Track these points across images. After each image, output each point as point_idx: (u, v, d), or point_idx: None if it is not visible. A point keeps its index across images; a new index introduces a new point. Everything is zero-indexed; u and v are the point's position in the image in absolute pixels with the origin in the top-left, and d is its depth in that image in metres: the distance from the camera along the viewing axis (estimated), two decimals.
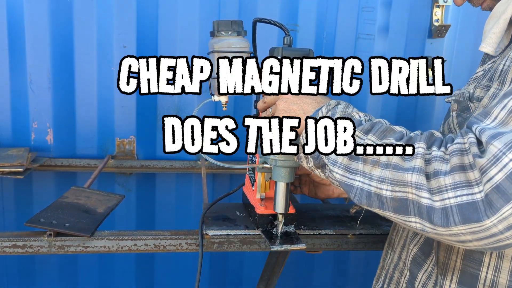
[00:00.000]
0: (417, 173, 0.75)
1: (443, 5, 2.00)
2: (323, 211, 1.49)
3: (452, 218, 0.71)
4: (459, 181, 0.71)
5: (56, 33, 1.89)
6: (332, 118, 0.87)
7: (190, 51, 1.96)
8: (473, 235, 0.71)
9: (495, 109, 0.74)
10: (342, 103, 0.97)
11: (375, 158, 0.82)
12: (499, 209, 0.67)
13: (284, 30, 1.12)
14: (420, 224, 0.76)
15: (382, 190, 0.80)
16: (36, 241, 1.23)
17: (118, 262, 2.18)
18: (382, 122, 0.90)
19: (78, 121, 1.98)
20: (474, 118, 0.77)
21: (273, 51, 1.09)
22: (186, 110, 2.01)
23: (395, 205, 0.78)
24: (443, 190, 0.72)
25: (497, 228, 0.69)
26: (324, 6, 2.01)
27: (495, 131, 0.70)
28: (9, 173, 1.73)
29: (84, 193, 1.50)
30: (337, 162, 0.88)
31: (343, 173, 0.87)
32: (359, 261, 2.36)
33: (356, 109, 0.97)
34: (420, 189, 0.74)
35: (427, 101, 2.12)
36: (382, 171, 0.80)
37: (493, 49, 0.90)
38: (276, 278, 1.77)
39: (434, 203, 0.73)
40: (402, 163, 0.78)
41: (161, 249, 1.28)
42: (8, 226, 2.06)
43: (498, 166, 0.67)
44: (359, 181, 0.84)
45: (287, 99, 1.01)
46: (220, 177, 2.15)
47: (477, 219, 0.69)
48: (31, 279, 2.14)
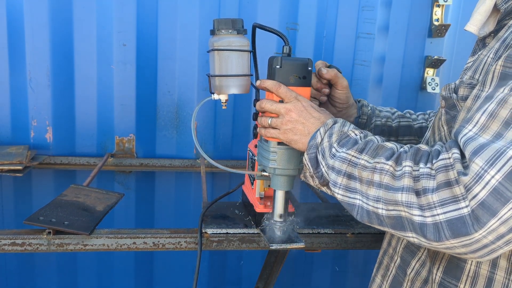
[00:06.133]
0: (406, 192, 0.79)
1: (443, 4, 2.00)
2: (322, 210, 1.50)
3: (443, 233, 0.75)
4: (446, 197, 0.75)
5: (56, 30, 1.89)
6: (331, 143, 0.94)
7: (190, 49, 1.96)
8: (466, 248, 0.75)
9: (477, 114, 0.77)
10: (339, 121, 1.00)
11: (369, 178, 0.86)
12: (486, 223, 0.71)
13: (283, 39, 1.12)
14: (417, 239, 0.80)
15: (378, 209, 0.84)
16: (35, 239, 1.23)
17: (117, 260, 2.18)
18: (374, 139, 0.93)
19: (78, 119, 1.98)
20: (460, 126, 0.80)
21: (272, 60, 1.09)
22: (185, 109, 2.01)
23: (391, 222, 0.83)
24: (432, 206, 0.76)
25: (488, 239, 0.72)
26: (324, 5, 2.01)
27: (477, 145, 0.73)
28: (9, 171, 1.73)
29: (83, 191, 1.50)
30: (337, 183, 0.92)
31: (343, 193, 0.91)
32: (358, 260, 2.37)
33: (352, 126, 0.99)
34: (411, 208, 0.78)
35: (427, 98, 2.13)
36: (376, 191, 0.84)
37: (477, 29, 0.93)
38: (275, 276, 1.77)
39: (425, 219, 0.77)
40: (393, 183, 0.81)
41: (160, 247, 1.28)
42: (7, 224, 2.06)
43: (481, 183, 0.71)
44: (359, 200, 0.88)
45: (294, 119, 1.03)
46: (220, 176, 2.15)
47: (466, 233, 0.73)
48: (30, 277, 2.15)
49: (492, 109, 0.75)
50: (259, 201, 1.30)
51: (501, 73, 0.79)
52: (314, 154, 0.99)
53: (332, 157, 0.93)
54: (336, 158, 0.92)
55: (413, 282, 0.98)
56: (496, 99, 0.75)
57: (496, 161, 0.70)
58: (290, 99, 1.05)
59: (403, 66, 2.08)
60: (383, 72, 2.07)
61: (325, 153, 0.96)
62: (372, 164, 0.86)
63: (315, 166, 0.99)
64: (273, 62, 1.09)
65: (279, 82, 1.06)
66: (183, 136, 2.05)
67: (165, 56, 1.97)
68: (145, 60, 1.96)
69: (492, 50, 0.87)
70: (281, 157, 1.09)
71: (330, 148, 0.95)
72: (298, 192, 2.21)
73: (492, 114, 0.75)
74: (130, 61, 1.94)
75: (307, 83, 1.09)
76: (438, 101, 2.13)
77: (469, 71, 0.92)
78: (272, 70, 1.09)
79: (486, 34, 0.94)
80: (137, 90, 1.98)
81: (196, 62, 1.97)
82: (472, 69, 0.91)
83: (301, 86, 1.08)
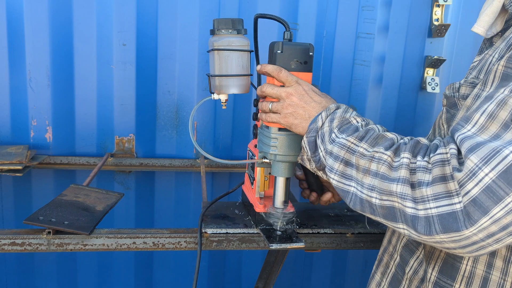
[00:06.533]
0: (401, 183, 0.79)
1: (443, 4, 2.00)
2: (322, 210, 1.50)
3: (434, 227, 0.75)
4: (440, 192, 0.75)
5: (56, 30, 1.89)
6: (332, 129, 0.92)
7: (190, 49, 1.96)
8: (455, 243, 0.75)
9: (476, 114, 0.77)
10: (342, 107, 0.99)
11: (366, 166, 0.86)
12: (477, 221, 0.70)
13: (284, 25, 1.12)
14: (407, 231, 0.80)
15: (372, 198, 0.84)
16: (35, 239, 1.23)
17: (117, 260, 2.18)
18: (375, 128, 0.93)
19: (77, 119, 1.98)
20: (457, 124, 0.80)
21: (273, 45, 1.09)
22: (185, 108, 2.01)
23: (384, 212, 0.82)
24: (425, 200, 0.76)
25: (478, 237, 0.72)
26: (324, 5, 2.01)
27: (474, 142, 0.73)
28: (8, 171, 1.73)
29: (83, 191, 1.50)
30: (333, 169, 0.92)
31: (339, 179, 0.91)
32: (358, 260, 2.36)
33: (355, 113, 0.99)
34: (404, 199, 0.78)
35: (427, 98, 2.13)
36: (372, 180, 0.84)
37: (484, 30, 0.92)
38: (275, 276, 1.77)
39: (418, 212, 0.77)
40: (389, 173, 0.81)
41: (160, 247, 1.28)
42: (7, 223, 2.06)
43: (474, 180, 0.70)
44: (354, 187, 0.88)
45: (294, 103, 1.03)
46: (219, 176, 2.15)
47: (456, 228, 0.72)
48: (30, 277, 2.14)
49: (492, 110, 0.75)
50: (259, 201, 1.30)
51: (502, 73, 0.78)
52: (313, 137, 0.98)
53: (331, 143, 0.93)
54: (335, 143, 0.92)
55: (411, 281, 0.99)
56: (496, 100, 0.75)
57: (491, 159, 0.70)
58: (291, 83, 1.04)
59: (403, 66, 2.08)
60: (383, 72, 2.07)
61: (324, 137, 0.95)
62: (371, 153, 0.86)
63: (313, 149, 0.99)
64: (274, 47, 1.08)
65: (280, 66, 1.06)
66: (183, 136, 2.05)
67: (165, 56, 1.97)
68: (145, 60, 1.96)
69: (497, 50, 0.87)
70: (282, 143, 1.09)
71: (330, 133, 0.94)
72: (298, 192, 2.21)
73: (492, 115, 0.74)
74: (130, 61, 1.94)
75: (309, 68, 1.08)
76: (438, 101, 2.13)
77: (474, 70, 0.92)
78: (273, 55, 1.08)
79: (493, 34, 0.93)
80: (137, 90, 1.98)
81: (196, 62, 1.97)
82: (477, 68, 0.91)
83: (302, 72, 1.08)
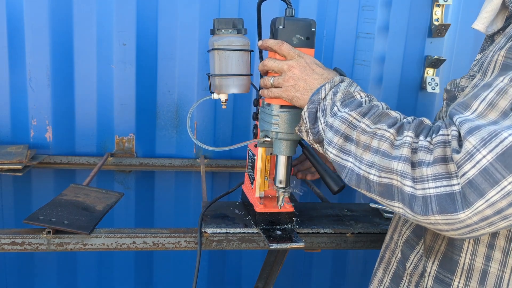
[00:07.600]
0: (403, 161, 0.78)
1: (443, 4, 2.00)
2: (322, 210, 1.50)
3: (431, 207, 0.74)
4: (440, 172, 0.74)
5: (56, 30, 1.89)
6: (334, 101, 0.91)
7: (190, 49, 1.96)
8: (449, 226, 0.75)
9: (475, 102, 0.76)
10: (346, 80, 0.98)
11: (367, 142, 0.85)
12: (473, 203, 0.70)
13: (286, 2, 1.12)
14: (403, 209, 0.79)
15: (370, 175, 0.83)
16: (35, 238, 1.23)
17: (117, 259, 2.18)
18: (379, 105, 0.92)
19: (77, 118, 1.98)
20: (454, 109, 0.80)
21: (275, 21, 1.08)
22: (185, 108, 2.01)
23: (380, 189, 0.82)
24: (424, 180, 0.75)
25: (472, 220, 0.72)
26: (324, 5, 2.01)
27: (473, 125, 0.73)
28: (8, 170, 1.73)
29: (83, 191, 1.50)
30: (332, 142, 0.91)
31: (337, 153, 0.90)
32: (358, 260, 2.37)
33: (359, 87, 0.98)
34: (404, 177, 0.77)
35: (427, 98, 2.13)
36: (372, 156, 0.83)
37: (484, 27, 0.92)
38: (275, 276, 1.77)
39: (416, 191, 0.76)
40: (391, 151, 0.81)
41: (160, 247, 1.28)
42: (7, 223, 2.06)
43: (472, 162, 0.70)
44: (351, 162, 0.87)
45: (296, 76, 1.02)
46: (219, 176, 2.15)
47: (453, 210, 0.72)
48: (30, 277, 2.15)
49: (492, 98, 0.74)
50: (259, 200, 1.30)
51: (502, 63, 0.78)
52: (314, 109, 0.97)
53: (333, 116, 0.92)
54: (337, 117, 0.91)
55: (412, 276, 0.99)
56: (495, 88, 0.75)
57: (490, 142, 0.69)
58: (293, 56, 1.04)
59: (403, 66, 2.08)
60: (383, 72, 2.07)
61: (326, 110, 0.94)
62: (373, 130, 0.85)
63: (312, 121, 0.98)
64: (276, 23, 1.08)
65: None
66: (183, 135, 2.05)
67: (165, 56, 1.97)
68: (145, 60, 1.96)
69: (497, 46, 0.87)
70: (284, 121, 1.08)
71: (333, 106, 0.93)
72: (299, 192, 2.21)
73: (491, 103, 0.74)
74: (130, 60, 1.94)
75: (311, 44, 1.08)
76: (438, 101, 2.13)
77: (475, 67, 0.92)
78: (275, 31, 1.08)
79: (494, 31, 0.93)
80: (137, 89, 1.98)
81: (196, 62, 1.97)
82: (478, 65, 0.91)
83: (304, 47, 1.07)
